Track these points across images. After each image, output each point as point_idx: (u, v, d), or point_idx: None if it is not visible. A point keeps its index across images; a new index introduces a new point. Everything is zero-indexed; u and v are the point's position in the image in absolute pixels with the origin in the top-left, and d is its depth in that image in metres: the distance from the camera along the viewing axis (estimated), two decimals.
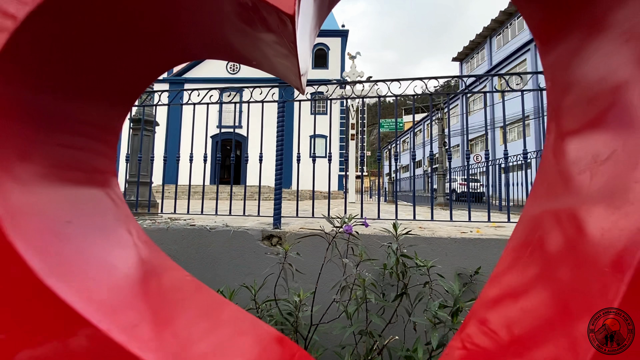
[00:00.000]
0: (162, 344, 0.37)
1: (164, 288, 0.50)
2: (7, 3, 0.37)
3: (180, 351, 0.38)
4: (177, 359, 0.36)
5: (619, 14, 0.43)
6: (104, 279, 0.42)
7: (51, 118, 0.47)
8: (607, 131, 0.46)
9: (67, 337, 0.34)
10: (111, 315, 0.36)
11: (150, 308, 0.43)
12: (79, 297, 0.35)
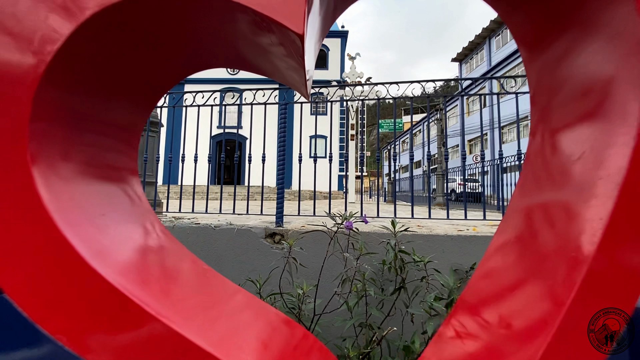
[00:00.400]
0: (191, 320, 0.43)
1: (185, 273, 0.55)
2: (55, 22, 0.43)
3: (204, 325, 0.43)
4: (202, 330, 0.42)
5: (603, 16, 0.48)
6: (135, 262, 0.48)
7: (84, 120, 0.53)
8: (582, 131, 0.51)
9: (106, 306, 0.40)
10: (144, 290, 0.42)
11: (174, 286, 0.49)
12: (118, 276, 0.41)
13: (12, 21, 0.42)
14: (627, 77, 0.44)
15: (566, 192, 0.50)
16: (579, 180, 0.48)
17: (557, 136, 0.57)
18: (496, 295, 0.53)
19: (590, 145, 0.48)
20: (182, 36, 0.52)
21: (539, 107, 0.64)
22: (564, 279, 0.41)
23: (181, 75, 0.63)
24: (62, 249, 0.40)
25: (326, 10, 0.60)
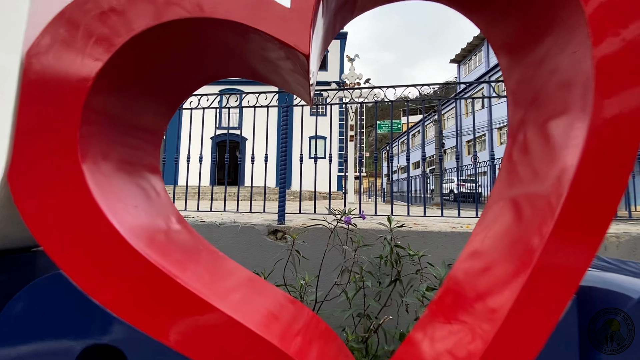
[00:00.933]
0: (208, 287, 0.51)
1: (201, 253, 0.64)
2: (98, 48, 0.51)
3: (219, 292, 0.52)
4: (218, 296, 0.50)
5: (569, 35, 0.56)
6: (161, 243, 0.56)
7: (119, 124, 0.61)
8: (549, 133, 0.60)
9: (143, 276, 0.48)
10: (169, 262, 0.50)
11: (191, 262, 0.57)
12: (160, 258, 0.49)
13: (68, 45, 0.51)
14: (581, 87, 0.52)
15: (533, 187, 0.59)
16: (542, 176, 0.56)
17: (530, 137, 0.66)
18: (475, 275, 0.61)
19: (554, 145, 0.57)
20: (202, 54, 0.61)
21: (513, 111, 0.73)
22: (524, 260, 0.50)
23: (199, 84, 0.71)
24: (109, 234, 0.49)
25: (327, 28, 0.69)
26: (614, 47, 0.49)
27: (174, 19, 0.51)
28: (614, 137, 0.47)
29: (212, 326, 0.47)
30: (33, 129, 0.51)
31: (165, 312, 0.47)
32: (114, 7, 0.52)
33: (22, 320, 0.49)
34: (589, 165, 0.47)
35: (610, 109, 0.47)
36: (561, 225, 0.47)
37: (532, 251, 0.48)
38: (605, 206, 0.47)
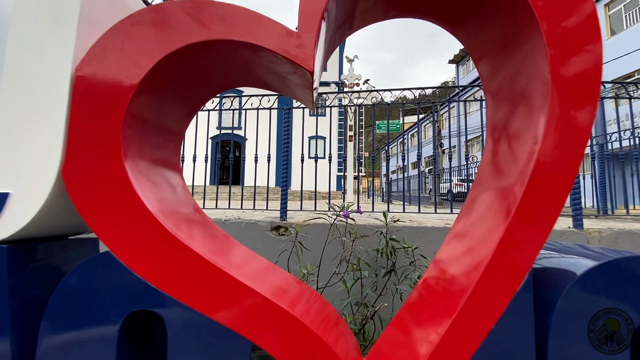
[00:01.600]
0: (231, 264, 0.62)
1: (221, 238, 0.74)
2: (138, 64, 0.62)
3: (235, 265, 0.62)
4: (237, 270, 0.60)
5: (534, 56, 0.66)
6: (186, 226, 0.66)
7: (151, 128, 0.71)
8: (516, 137, 0.70)
9: (176, 255, 0.59)
10: (202, 247, 0.61)
11: (217, 244, 0.67)
12: (186, 237, 0.60)
13: (111, 62, 0.61)
14: (540, 100, 0.63)
15: (502, 181, 0.69)
16: (509, 173, 0.67)
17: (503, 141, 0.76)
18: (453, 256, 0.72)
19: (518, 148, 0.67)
20: (222, 67, 0.71)
21: (493, 120, 0.83)
22: (490, 242, 0.60)
23: (216, 92, 0.81)
24: (147, 218, 0.59)
25: (329, 44, 0.79)
26: (568, 68, 0.59)
27: (203, 40, 0.61)
28: (563, 145, 0.57)
29: (229, 291, 0.58)
30: (83, 133, 0.61)
31: (191, 281, 0.58)
32: (151, 31, 0.62)
33: (77, 290, 0.59)
34: (542, 167, 0.57)
35: (560, 123, 0.57)
36: (520, 214, 0.57)
37: (496, 234, 0.59)
38: (555, 199, 0.57)
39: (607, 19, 12.91)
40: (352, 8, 0.73)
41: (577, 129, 0.58)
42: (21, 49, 0.64)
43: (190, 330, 0.58)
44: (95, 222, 0.59)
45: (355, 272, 1.39)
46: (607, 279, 0.57)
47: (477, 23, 0.76)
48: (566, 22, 0.61)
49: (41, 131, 0.62)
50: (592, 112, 0.58)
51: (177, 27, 0.62)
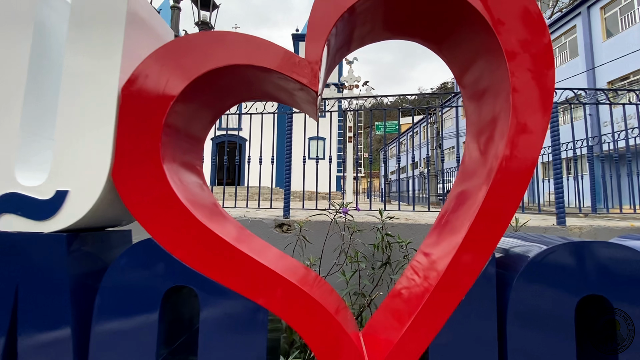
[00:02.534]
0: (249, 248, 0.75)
1: (239, 229, 0.87)
2: (174, 82, 0.75)
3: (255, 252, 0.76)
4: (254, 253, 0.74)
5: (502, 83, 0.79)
6: (211, 217, 0.80)
7: (181, 134, 0.85)
8: (486, 147, 0.84)
9: (207, 241, 0.72)
10: (227, 234, 0.74)
11: (237, 233, 0.81)
12: (213, 226, 0.73)
13: (152, 82, 0.74)
14: (504, 117, 0.76)
15: (473, 182, 0.83)
16: (479, 175, 0.80)
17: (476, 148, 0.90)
18: (434, 244, 0.85)
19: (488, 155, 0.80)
20: (242, 85, 0.85)
21: (470, 130, 0.96)
22: (461, 232, 0.73)
23: (234, 104, 0.95)
24: (183, 211, 0.72)
25: (330, 64, 0.93)
26: (526, 91, 0.73)
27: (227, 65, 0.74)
28: (520, 152, 0.71)
29: (249, 270, 0.71)
30: (129, 141, 0.75)
31: (218, 261, 0.71)
32: (183, 58, 0.75)
33: (126, 270, 0.73)
34: (503, 170, 0.70)
35: (518, 135, 0.71)
36: (484, 208, 0.71)
37: (465, 225, 0.72)
38: (513, 197, 0.71)
39: (602, 21, 13.07)
40: (349, 35, 0.87)
41: (531, 140, 0.71)
42: (76, 75, 0.77)
43: (218, 300, 0.72)
44: (140, 214, 0.72)
45: (353, 263, 1.53)
46: (553, 260, 0.70)
47: (453, 44, 0.89)
48: (526, 54, 0.74)
49: (94, 140, 0.76)
50: (544, 127, 0.72)
51: (204, 54, 0.75)
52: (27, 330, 0.72)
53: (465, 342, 0.72)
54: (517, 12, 0.73)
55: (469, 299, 0.71)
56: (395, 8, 0.82)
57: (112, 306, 0.72)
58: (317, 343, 0.71)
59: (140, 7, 0.85)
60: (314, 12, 0.75)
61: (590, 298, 0.71)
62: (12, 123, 0.77)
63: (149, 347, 0.70)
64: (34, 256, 0.74)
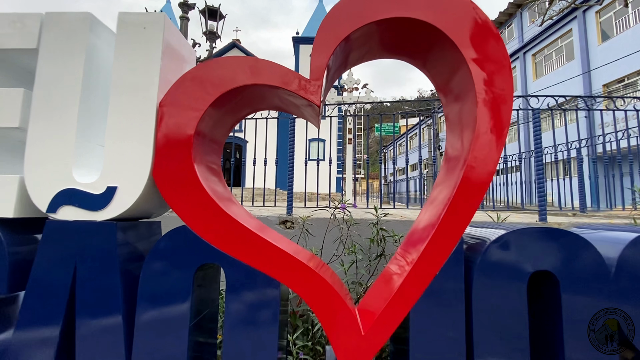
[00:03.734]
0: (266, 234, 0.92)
1: (255, 220, 1.04)
2: (202, 99, 0.92)
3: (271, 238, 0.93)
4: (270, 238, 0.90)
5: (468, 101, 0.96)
6: (232, 210, 0.97)
7: (206, 140, 1.02)
8: (459, 152, 1.00)
9: (230, 228, 0.89)
10: (247, 222, 0.91)
11: (255, 223, 0.98)
12: (235, 215, 0.90)
13: (184, 99, 0.92)
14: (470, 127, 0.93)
15: (449, 180, 1.00)
16: (452, 177, 0.97)
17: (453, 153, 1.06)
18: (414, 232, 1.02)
19: (459, 159, 0.97)
20: (256, 98, 1.02)
21: (449, 136, 1.13)
22: (435, 222, 0.90)
23: (249, 113, 1.12)
24: (210, 203, 0.89)
25: (330, 82, 1.10)
26: (490, 110, 0.90)
27: (245, 85, 0.92)
28: (483, 157, 0.88)
29: (265, 250, 0.88)
30: (166, 145, 0.92)
31: (240, 244, 0.88)
32: (209, 79, 0.92)
33: (166, 250, 0.90)
34: (468, 172, 0.87)
35: (481, 143, 0.87)
36: (454, 202, 0.88)
37: (439, 216, 0.89)
38: (477, 194, 0.87)
39: (598, 25, 13.28)
40: (345, 58, 1.04)
41: (492, 148, 0.88)
42: (122, 92, 0.95)
43: (240, 274, 0.88)
44: (176, 205, 0.89)
45: (350, 255, 1.70)
46: (509, 242, 0.87)
47: (432, 61, 1.06)
48: (486, 67, 0.91)
49: (138, 144, 0.93)
50: (503, 138, 0.89)
51: (229, 75, 0.92)
52: (83, 298, 0.89)
53: (439, 310, 0.89)
54: (476, 32, 0.90)
55: (444, 273, 0.87)
56: (382, 35, 1.00)
57: (154, 278, 0.89)
58: (321, 310, 0.88)
59: (172, 35, 1.02)
60: (316, 41, 0.92)
61: (542, 275, 0.88)
62: (70, 132, 0.94)
63: (184, 312, 0.87)
64: (88, 239, 0.91)
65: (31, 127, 0.94)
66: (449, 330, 0.88)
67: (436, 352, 0.88)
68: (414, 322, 0.89)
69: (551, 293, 0.94)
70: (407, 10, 0.90)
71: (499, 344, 0.86)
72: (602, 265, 0.86)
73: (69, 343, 0.89)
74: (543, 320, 0.93)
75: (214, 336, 1.11)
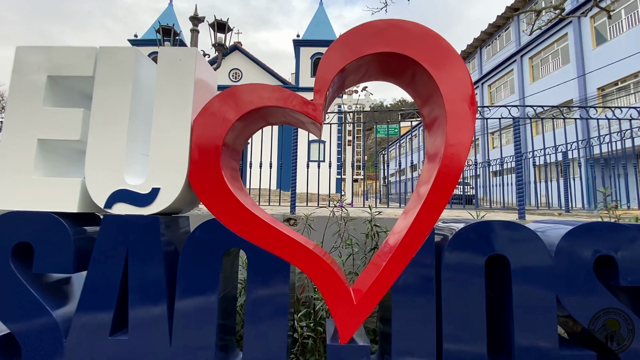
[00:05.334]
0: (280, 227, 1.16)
1: (269, 216, 1.28)
2: (227, 117, 1.16)
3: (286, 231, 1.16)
4: (285, 230, 1.14)
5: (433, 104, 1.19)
6: (258, 210, 1.20)
7: (230, 149, 1.25)
8: (435, 155, 1.24)
9: (250, 221, 1.12)
10: (263, 215, 1.14)
11: (272, 219, 1.21)
12: (258, 213, 1.14)
13: (213, 118, 1.15)
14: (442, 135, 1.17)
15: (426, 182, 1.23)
16: (428, 176, 1.20)
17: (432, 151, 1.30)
18: (398, 225, 1.25)
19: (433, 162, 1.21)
20: (269, 115, 1.26)
21: (427, 145, 1.36)
22: (413, 215, 1.14)
23: (263, 127, 1.36)
24: (235, 202, 1.13)
25: (329, 102, 1.34)
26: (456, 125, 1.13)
27: (262, 106, 1.15)
28: (451, 163, 1.11)
29: (280, 238, 1.11)
30: (199, 154, 1.15)
31: (259, 233, 1.11)
32: (232, 102, 1.16)
33: (200, 236, 1.13)
34: (440, 173, 1.11)
35: (451, 152, 1.11)
36: (428, 199, 1.11)
37: (413, 217, 1.12)
38: (445, 193, 1.11)
39: (592, 30, 13.54)
40: (343, 82, 1.28)
41: (458, 154, 1.12)
42: (163, 112, 1.18)
43: (259, 257, 1.12)
44: (207, 202, 1.13)
45: (347, 248, 1.93)
46: (471, 231, 1.11)
47: (413, 83, 1.30)
48: (456, 95, 1.14)
49: (176, 154, 1.16)
50: (467, 147, 1.12)
51: (249, 99, 1.16)
52: (134, 275, 1.12)
53: (415, 285, 1.12)
54: (441, 56, 1.13)
55: (419, 257, 1.11)
56: (370, 65, 1.23)
57: (191, 257, 1.12)
58: (323, 286, 1.11)
59: (201, 64, 1.26)
60: (318, 72, 1.16)
61: (497, 259, 1.11)
62: (121, 143, 1.18)
63: (215, 283, 1.10)
64: (137, 229, 1.14)
65: (90, 140, 1.18)
66: (423, 302, 1.11)
67: (413, 319, 1.11)
68: (395, 298, 1.12)
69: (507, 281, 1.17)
70: (387, 46, 1.13)
71: (463, 311, 1.09)
72: (544, 249, 1.10)
73: (122, 311, 1.13)
74: (504, 307, 1.16)
75: (234, 308, 1.34)
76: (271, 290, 1.12)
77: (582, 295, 1.08)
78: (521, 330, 1.07)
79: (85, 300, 1.12)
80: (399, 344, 1.09)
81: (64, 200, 1.15)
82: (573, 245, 1.11)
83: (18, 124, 1.19)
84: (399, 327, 1.10)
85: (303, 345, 1.70)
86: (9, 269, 1.13)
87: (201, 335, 1.09)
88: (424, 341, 1.08)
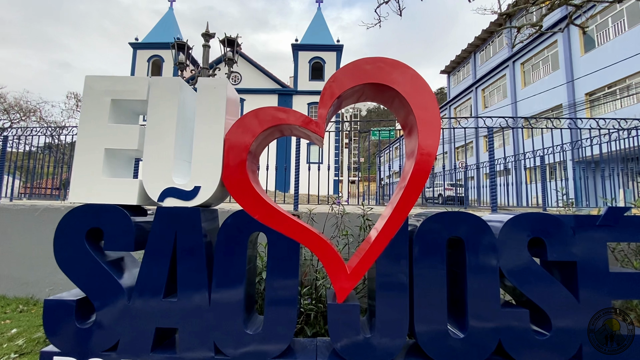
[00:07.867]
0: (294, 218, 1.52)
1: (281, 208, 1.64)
2: (252, 130, 1.52)
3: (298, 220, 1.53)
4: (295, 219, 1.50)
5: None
6: (273, 203, 1.57)
7: (252, 155, 1.61)
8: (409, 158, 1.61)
9: (270, 212, 1.48)
10: (277, 208, 1.51)
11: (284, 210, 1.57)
12: (275, 206, 1.50)
13: (240, 132, 1.52)
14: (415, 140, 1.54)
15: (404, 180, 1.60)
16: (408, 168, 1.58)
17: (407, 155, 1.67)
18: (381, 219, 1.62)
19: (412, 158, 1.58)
20: (282, 131, 1.62)
21: (407, 144, 1.73)
22: (392, 207, 1.51)
23: (277, 138, 1.72)
24: (257, 197, 1.49)
25: (330, 116, 1.71)
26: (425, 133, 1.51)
27: (279, 123, 1.52)
28: (422, 159, 1.48)
29: (294, 225, 1.47)
30: (230, 160, 1.51)
31: (278, 221, 1.47)
32: (256, 121, 1.52)
33: (230, 225, 1.49)
34: (415, 174, 1.48)
35: (422, 152, 1.48)
36: (403, 196, 1.48)
37: (394, 205, 1.49)
38: (416, 191, 1.48)
39: (581, 37, 14.05)
40: (340, 104, 1.65)
41: (427, 158, 1.48)
42: (202, 128, 1.54)
43: (277, 239, 1.48)
44: (237, 197, 1.49)
45: (343, 239, 2.29)
46: (436, 220, 1.48)
47: (397, 107, 1.67)
48: (425, 113, 1.51)
49: (212, 160, 1.52)
50: (434, 148, 1.49)
51: (269, 119, 1.52)
52: (182, 254, 1.47)
53: (392, 263, 1.49)
54: (416, 89, 1.50)
55: (395, 241, 1.47)
56: (364, 91, 1.60)
57: (225, 238, 1.48)
58: (325, 260, 1.47)
59: (230, 90, 1.62)
60: (321, 97, 1.52)
61: (456, 241, 1.48)
62: (169, 151, 1.53)
63: (243, 258, 1.46)
64: (183, 217, 1.49)
65: (145, 149, 1.53)
66: (398, 271, 1.48)
67: (391, 283, 1.47)
68: (378, 269, 1.49)
69: (463, 258, 1.54)
70: (376, 79, 1.51)
71: (429, 276, 1.45)
72: (490, 233, 1.47)
73: (171, 283, 1.48)
74: (462, 278, 1.53)
75: (254, 281, 1.70)
76: (285, 264, 1.48)
77: (517, 266, 1.45)
78: (473, 294, 1.44)
79: (145, 271, 1.47)
80: (381, 302, 1.45)
81: (126, 195, 1.51)
82: (512, 229, 1.48)
83: (89, 137, 1.55)
84: (380, 292, 1.46)
85: (307, 316, 2.05)
86: (84, 248, 1.48)
87: (233, 295, 1.45)
88: (399, 299, 1.45)
